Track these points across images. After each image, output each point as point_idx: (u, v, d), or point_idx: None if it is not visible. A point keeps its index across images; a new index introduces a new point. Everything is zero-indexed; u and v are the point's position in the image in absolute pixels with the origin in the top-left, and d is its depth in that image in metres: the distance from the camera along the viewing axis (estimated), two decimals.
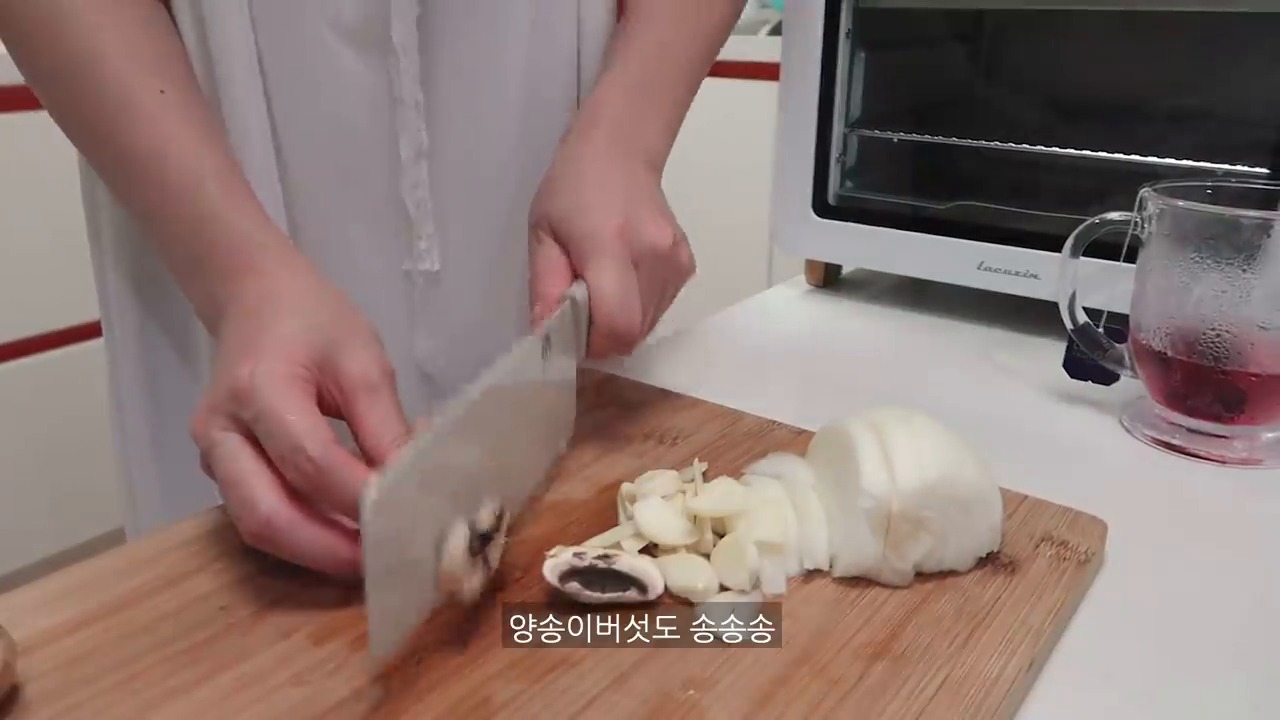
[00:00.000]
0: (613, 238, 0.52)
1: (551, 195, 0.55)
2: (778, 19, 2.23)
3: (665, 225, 0.54)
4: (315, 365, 0.43)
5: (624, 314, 0.50)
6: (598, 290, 0.50)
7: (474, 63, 0.62)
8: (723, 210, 2.07)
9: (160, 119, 0.50)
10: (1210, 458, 0.58)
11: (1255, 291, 0.56)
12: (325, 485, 0.40)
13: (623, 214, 0.53)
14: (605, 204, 0.53)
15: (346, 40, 0.57)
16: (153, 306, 0.64)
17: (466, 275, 0.65)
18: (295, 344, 0.43)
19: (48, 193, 1.51)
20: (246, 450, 0.41)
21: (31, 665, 0.37)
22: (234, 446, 0.41)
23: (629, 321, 0.51)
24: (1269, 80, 0.77)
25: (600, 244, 0.51)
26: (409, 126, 0.60)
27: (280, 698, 0.36)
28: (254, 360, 0.42)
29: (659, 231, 0.53)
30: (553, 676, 0.37)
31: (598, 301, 0.50)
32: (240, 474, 0.40)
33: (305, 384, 0.42)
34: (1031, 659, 0.39)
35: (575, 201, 0.53)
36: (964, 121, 0.94)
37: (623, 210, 0.53)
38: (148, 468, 0.67)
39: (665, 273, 0.55)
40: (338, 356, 0.44)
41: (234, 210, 0.49)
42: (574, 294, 0.51)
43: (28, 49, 0.51)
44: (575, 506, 0.49)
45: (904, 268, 0.83)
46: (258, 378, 0.41)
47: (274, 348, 0.43)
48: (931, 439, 0.44)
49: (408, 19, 0.58)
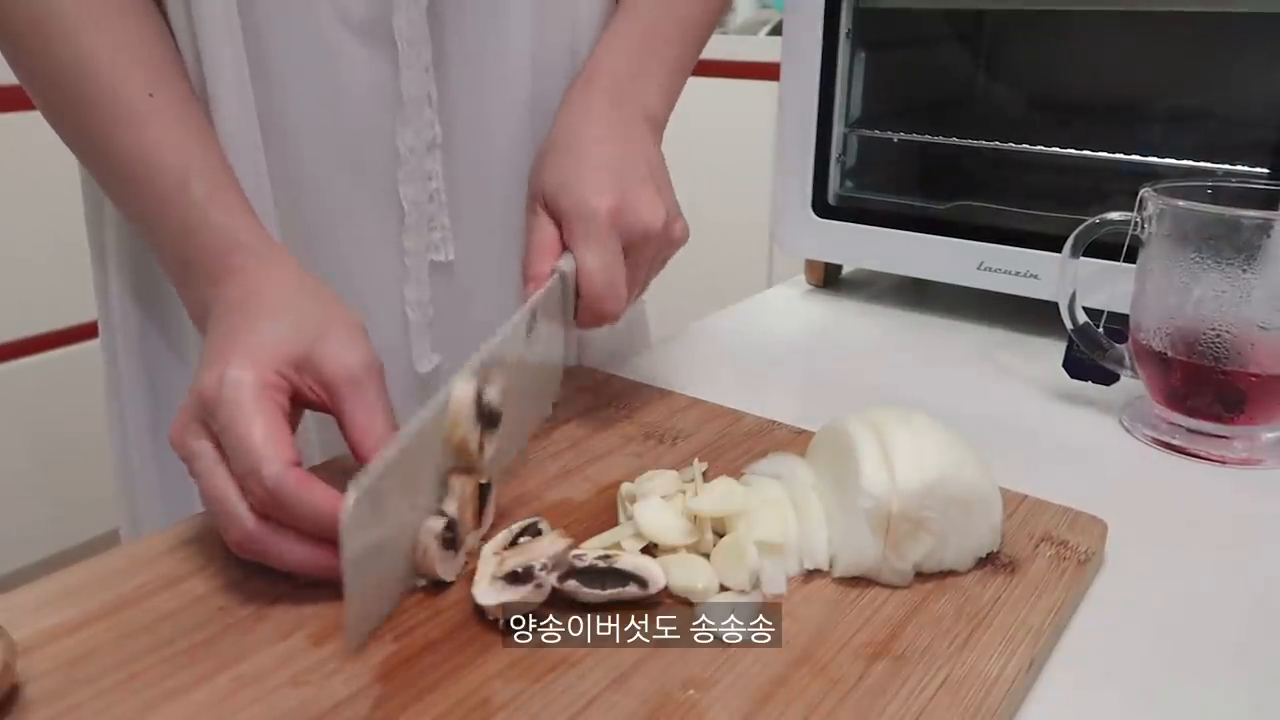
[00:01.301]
0: (604, 220, 0.52)
1: (548, 165, 0.56)
2: (778, 19, 2.23)
3: (658, 204, 0.54)
4: (293, 365, 0.43)
5: (610, 296, 0.52)
6: (585, 271, 0.52)
7: (481, 51, 0.62)
8: (723, 210, 2.07)
9: (148, 122, 0.50)
10: (1210, 458, 0.58)
11: (1255, 291, 0.56)
12: (279, 509, 0.40)
13: (617, 193, 0.53)
14: (599, 181, 0.53)
15: (354, 33, 0.57)
16: (152, 308, 0.64)
17: (480, 264, 0.66)
18: (269, 347, 0.43)
19: (48, 193, 1.51)
20: (221, 469, 0.41)
21: (31, 665, 0.37)
22: (210, 463, 0.41)
23: (614, 303, 0.53)
24: (1269, 80, 0.77)
25: (590, 225, 0.52)
26: (416, 119, 0.60)
27: (280, 698, 0.36)
28: (223, 366, 0.42)
29: (652, 211, 0.54)
30: (553, 676, 0.37)
31: (585, 281, 0.52)
32: (216, 492, 0.41)
33: (274, 392, 0.42)
34: (1031, 659, 0.39)
35: (570, 175, 0.54)
36: (964, 121, 0.94)
37: (617, 188, 0.53)
38: (149, 468, 0.67)
39: (657, 248, 0.56)
40: (319, 353, 0.44)
41: (220, 212, 0.49)
42: (563, 268, 0.52)
43: (19, 52, 0.51)
44: (575, 506, 0.49)
45: (904, 268, 0.83)
46: (225, 387, 0.41)
47: (246, 352, 0.42)
48: (931, 439, 0.44)
49: (415, 10, 0.58)
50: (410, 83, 0.59)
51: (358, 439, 0.43)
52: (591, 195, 0.53)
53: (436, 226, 0.63)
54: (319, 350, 0.44)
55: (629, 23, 0.63)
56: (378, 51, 0.58)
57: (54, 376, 1.75)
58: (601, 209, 0.52)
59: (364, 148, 0.60)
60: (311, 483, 0.40)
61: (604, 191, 0.53)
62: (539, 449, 0.55)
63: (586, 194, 0.53)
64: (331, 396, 0.44)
